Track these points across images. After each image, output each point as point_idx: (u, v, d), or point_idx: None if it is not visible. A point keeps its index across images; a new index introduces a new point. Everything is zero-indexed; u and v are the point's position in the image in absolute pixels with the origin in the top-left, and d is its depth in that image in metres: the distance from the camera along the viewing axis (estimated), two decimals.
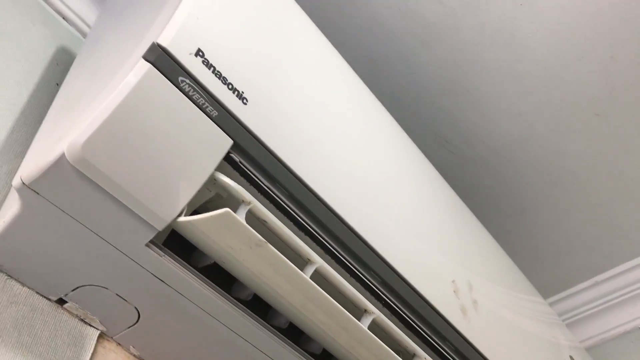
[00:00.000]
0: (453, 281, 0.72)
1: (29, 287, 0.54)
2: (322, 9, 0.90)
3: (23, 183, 0.45)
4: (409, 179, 0.74)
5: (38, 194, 0.46)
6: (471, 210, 0.98)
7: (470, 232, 0.85)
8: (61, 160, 0.44)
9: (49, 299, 0.56)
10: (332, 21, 0.91)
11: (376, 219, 0.63)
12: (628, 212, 1.10)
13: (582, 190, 1.08)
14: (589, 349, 1.27)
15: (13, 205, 0.49)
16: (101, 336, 0.58)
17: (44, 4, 0.75)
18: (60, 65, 0.73)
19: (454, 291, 0.72)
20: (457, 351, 0.71)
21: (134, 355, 0.60)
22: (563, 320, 1.31)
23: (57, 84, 0.71)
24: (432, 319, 0.67)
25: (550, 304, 1.32)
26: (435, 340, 0.68)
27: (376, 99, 0.74)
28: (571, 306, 1.30)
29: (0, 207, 0.56)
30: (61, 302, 0.56)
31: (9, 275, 0.53)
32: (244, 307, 0.57)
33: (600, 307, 1.27)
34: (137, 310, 0.57)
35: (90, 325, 0.58)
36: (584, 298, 1.29)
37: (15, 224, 0.49)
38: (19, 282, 0.54)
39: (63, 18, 0.77)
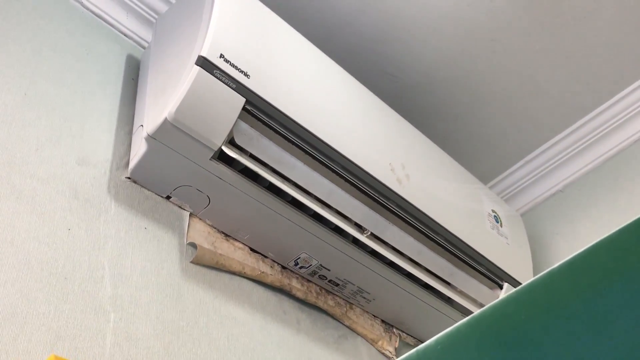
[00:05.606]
0: (390, 163, 1.19)
1: (150, 191, 1.02)
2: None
3: (148, 134, 0.92)
4: (360, 105, 1.20)
5: (155, 139, 0.93)
6: (416, 121, 1.44)
7: (405, 132, 1.30)
8: (165, 120, 0.91)
9: (162, 196, 1.04)
10: (304, 19, 1.36)
11: (337, 130, 1.09)
12: (529, 106, 1.55)
13: (494, 94, 1.53)
14: (524, 214, 1.74)
15: (141, 147, 0.96)
16: (190, 215, 1.06)
17: (113, 29, 1.20)
18: (131, 66, 1.19)
19: (391, 170, 1.18)
20: (398, 206, 1.18)
21: (209, 225, 1.08)
22: (503, 196, 1.77)
23: (133, 79, 1.17)
24: (377, 186, 1.13)
25: (492, 186, 1.78)
26: (381, 200, 1.15)
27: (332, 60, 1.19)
28: (507, 185, 1.76)
29: (130, 150, 1.03)
30: (168, 197, 1.05)
31: (141, 185, 1.01)
32: (266, 190, 1.04)
33: (528, 182, 1.73)
34: (208, 197, 1.04)
35: (185, 209, 1.06)
36: (516, 176, 1.74)
37: (144, 156, 0.96)
38: (146, 188, 1.02)
39: (125, 36, 1.23)
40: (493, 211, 1.45)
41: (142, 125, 0.99)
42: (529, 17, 1.35)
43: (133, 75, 1.18)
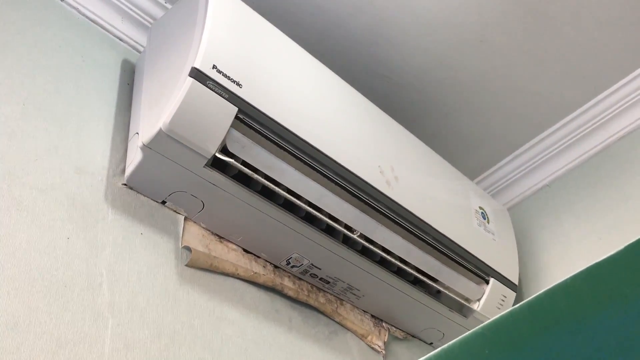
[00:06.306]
0: (379, 166, 1.22)
1: (146, 196, 1.05)
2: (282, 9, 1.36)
3: (143, 144, 0.95)
4: (351, 109, 1.23)
5: (150, 148, 0.96)
6: (406, 119, 1.47)
7: (395, 134, 1.33)
8: (160, 130, 0.94)
9: (157, 201, 1.07)
10: (297, 22, 1.38)
11: (328, 135, 1.12)
12: (517, 103, 1.58)
13: (482, 92, 1.56)
14: (511, 208, 1.78)
15: (136, 155, 0.99)
16: (185, 218, 1.10)
17: (110, 35, 1.22)
18: (127, 71, 1.22)
19: (380, 172, 1.22)
20: (387, 207, 1.21)
21: (203, 228, 1.12)
22: (491, 191, 1.81)
23: (128, 84, 1.20)
24: (367, 188, 1.17)
25: (481, 181, 1.81)
26: (371, 202, 1.18)
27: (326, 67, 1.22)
28: (495, 179, 1.80)
29: (126, 156, 1.07)
30: (164, 202, 1.08)
31: (137, 192, 1.04)
32: (258, 194, 1.07)
33: (516, 176, 1.77)
34: (202, 202, 1.08)
35: (179, 214, 1.09)
36: (504, 171, 1.78)
37: (140, 165, 0.99)
38: (142, 194, 1.05)
39: (120, 40, 1.25)
40: (480, 208, 1.49)
41: (137, 133, 1.02)
42: (517, 18, 1.38)
43: (128, 80, 1.20)
